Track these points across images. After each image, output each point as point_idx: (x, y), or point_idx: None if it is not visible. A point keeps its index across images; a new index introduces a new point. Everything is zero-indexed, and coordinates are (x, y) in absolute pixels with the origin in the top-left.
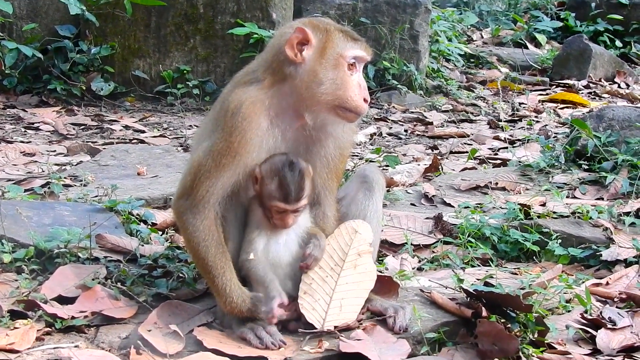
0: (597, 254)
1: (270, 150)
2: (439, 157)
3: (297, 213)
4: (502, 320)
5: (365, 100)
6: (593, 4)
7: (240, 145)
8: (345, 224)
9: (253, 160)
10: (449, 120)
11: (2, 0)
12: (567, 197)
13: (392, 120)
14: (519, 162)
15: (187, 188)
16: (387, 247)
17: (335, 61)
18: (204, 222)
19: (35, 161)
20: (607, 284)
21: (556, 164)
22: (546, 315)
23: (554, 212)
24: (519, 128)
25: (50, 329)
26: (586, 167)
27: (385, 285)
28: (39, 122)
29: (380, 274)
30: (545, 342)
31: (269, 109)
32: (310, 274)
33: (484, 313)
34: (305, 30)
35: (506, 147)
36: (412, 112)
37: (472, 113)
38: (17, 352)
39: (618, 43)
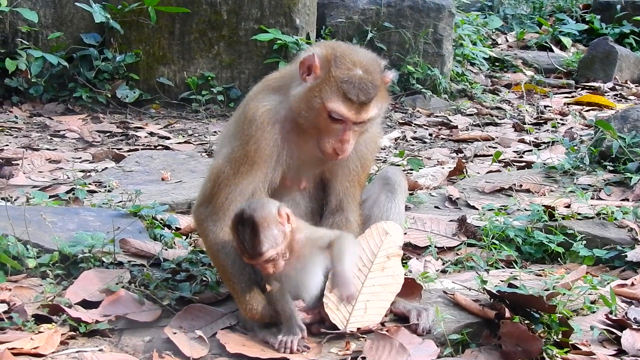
0: (622, 255)
1: (288, 159)
2: (463, 161)
3: (273, 262)
4: (526, 322)
5: (336, 152)
6: (618, 6)
7: (256, 154)
8: (377, 225)
9: (271, 168)
10: (474, 123)
11: (28, 9)
12: (592, 198)
13: (416, 124)
14: (544, 164)
15: (207, 195)
16: (411, 249)
17: (317, 106)
18: (224, 229)
19: (61, 168)
20: (632, 284)
21: (581, 165)
22: (570, 316)
23: (579, 214)
24: (544, 131)
25: (74, 333)
26: (611, 168)
27: (408, 287)
28: (64, 130)
29: (403, 276)
30: (570, 343)
31: (284, 119)
32: None
33: (507, 314)
34: (315, 61)
35: (531, 150)
36: (437, 116)
37: (497, 116)
38: (41, 356)
39: None
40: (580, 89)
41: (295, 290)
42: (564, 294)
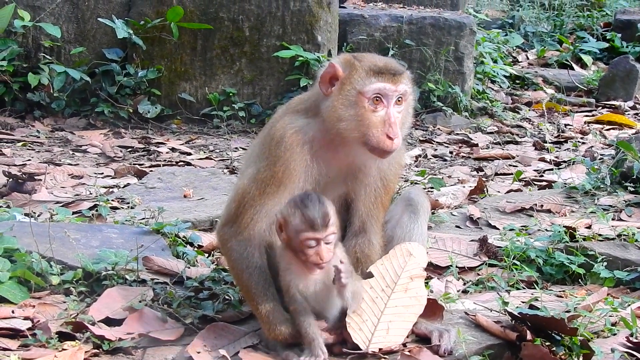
0: None
1: (315, 180)
2: (484, 179)
3: (329, 244)
4: (547, 344)
5: (389, 136)
6: (639, 25)
7: (284, 175)
8: (401, 246)
9: (298, 189)
10: (494, 141)
11: (51, 24)
12: (613, 219)
13: (437, 142)
14: (565, 184)
15: (231, 215)
16: (432, 269)
17: (354, 98)
18: (247, 249)
19: (83, 183)
20: None
21: (602, 186)
22: (591, 338)
23: (600, 235)
24: (565, 149)
25: (97, 351)
26: (632, 189)
27: (430, 307)
28: (86, 145)
29: (426, 297)
30: None
31: (312, 139)
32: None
33: (529, 336)
34: (335, 66)
35: (552, 169)
36: (458, 134)
37: (517, 134)
38: None
39: None
40: (600, 107)
41: (318, 309)
42: (585, 316)
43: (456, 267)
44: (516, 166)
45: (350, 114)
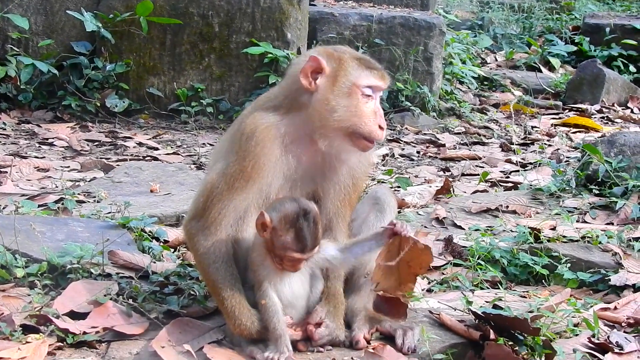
0: (606, 278)
1: (285, 176)
2: (450, 179)
3: (310, 258)
4: (510, 343)
5: (380, 127)
6: (607, 29)
7: (253, 170)
8: None
9: (267, 184)
10: (462, 142)
11: (19, 16)
12: (577, 221)
13: (404, 142)
14: (530, 185)
15: (199, 209)
16: None
17: (348, 89)
18: (214, 244)
19: (49, 177)
20: (615, 308)
21: (567, 188)
22: (554, 338)
23: (564, 236)
24: (531, 151)
25: (61, 344)
26: (597, 192)
27: (394, 306)
28: (53, 138)
29: (389, 295)
30: None
31: (284, 135)
32: None
33: (492, 335)
34: (319, 59)
35: (518, 170)
36: (425, 134)
37: (484, 136)
38: None
39: (632, 68)
40: (567, 110)
41: (286, 305)
42: (548, 316)
43: None
44: (483, 167)
45: (344, 104)
